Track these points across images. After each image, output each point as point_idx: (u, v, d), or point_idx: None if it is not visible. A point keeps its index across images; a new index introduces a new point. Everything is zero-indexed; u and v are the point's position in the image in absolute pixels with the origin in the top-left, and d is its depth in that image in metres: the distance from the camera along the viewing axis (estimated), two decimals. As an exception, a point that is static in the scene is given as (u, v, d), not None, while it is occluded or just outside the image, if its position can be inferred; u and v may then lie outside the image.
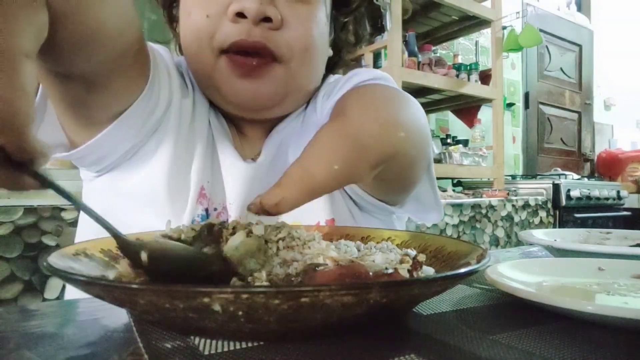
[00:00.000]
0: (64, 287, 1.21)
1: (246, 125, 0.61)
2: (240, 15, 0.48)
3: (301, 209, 0.30)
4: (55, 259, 0.28)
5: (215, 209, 0.55)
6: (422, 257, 0.31)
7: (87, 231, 0.54)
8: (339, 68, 0.67)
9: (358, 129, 0.32)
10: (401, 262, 0.31)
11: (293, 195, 0.27)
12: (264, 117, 0.57)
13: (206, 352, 0.23)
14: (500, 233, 2.11)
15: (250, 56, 0.49)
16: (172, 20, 0.59)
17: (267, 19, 0.48)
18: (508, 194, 2.26)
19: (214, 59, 0.50)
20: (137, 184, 0.52)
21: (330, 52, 0.61)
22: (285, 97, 0.54)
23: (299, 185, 0.28)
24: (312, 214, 0.54)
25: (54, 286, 1.20)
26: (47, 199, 1.21)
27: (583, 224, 2.42)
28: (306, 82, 0.56)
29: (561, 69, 3.71)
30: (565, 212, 2.43)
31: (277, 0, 0.50)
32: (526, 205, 2.26)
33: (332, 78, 0.67)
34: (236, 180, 0.56)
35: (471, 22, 2.31)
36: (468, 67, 2.24)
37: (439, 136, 2.54)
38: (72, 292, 0.54)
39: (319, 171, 0.28)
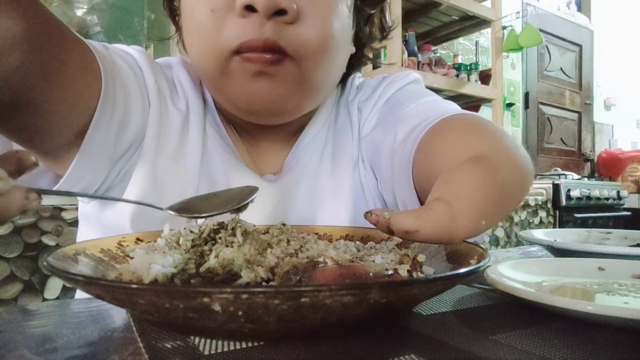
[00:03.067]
0: (64, 287, 1.21)
1: (260, 135, 0.55)
2: (250, 8, 0.42)
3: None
4: (55, 259, 0.28)
5: None
6: (422, 258, 0.31)
7: (88, 232, 0.52)
8: (360, 66, 0.61)
9: (507, 183, 0.30)
10: (401, 262, 0.31)
11: (428, 233, 0.26)
12: (277, 122, 0.52)
13: (206, 352, 0.23)
14: (500, 233, 2.10)
15: (262, 52, 0.43)
16: (174, 13, 0.53)
17: (280, 12, 0.42)
18: (508, 194, 2.25)
19: (224, 61, 0.44)
20: (110, 215, 0.48)
21: (352, 49, 0.54)
22: (301, 99, 0.49)
23: (440, 226, 0.26)
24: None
25: (53, 286, 1.20)
26: (46, 198, 1.21)
27: (583, 224, 2.42)
28: (322, 82, 0.50)
29: (561, 69, 3.71)
30: (565, 212, 2.43)
31: None
32: (526, 205, 2.26)
33: (358, 80, 0.63)
34: (255, 202, 0.51)
35: (471, 22, 2.31)
36: (468, 67, 2.24)
37: (439, 136, 2.54)
38: (81, 292, 0.50)
39: (465, 222, 0.26)
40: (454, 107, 0.50)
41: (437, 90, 2.15)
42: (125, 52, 0.49)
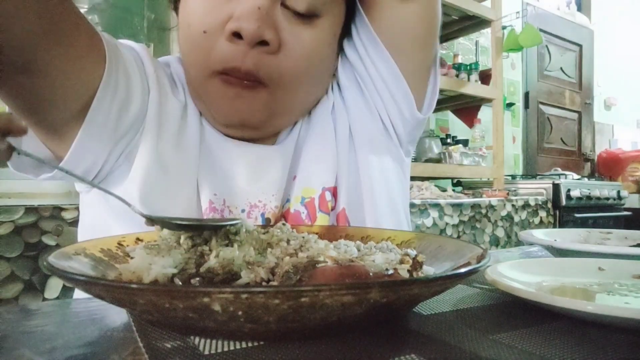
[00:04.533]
0: (64, 287, 1.21)
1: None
2: (238, 35, 0.45)
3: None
4: (55, 259, 0.28)
5: (243, 210, 0.51)
6: (422, 257, 0.31)
7: (93, 219, 0.53)
8: None
9: None
10: (401, 262, 0.31)
11: None
12: (253, 136, 0.55)
13: (206, 352, 0.23)
14: (500, 233, 2.10)
15: (242, 79, 0.47)
16: (177, 7, 0.55)
17: (263, 42, 0.45)
18: (508, 194, 2.25)
19: (207, 78, 0.48)
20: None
21: (337, 64, 0.58)
22: (271, 119, 0.52)
23: None
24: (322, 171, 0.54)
25: (54, 286, 1.20)
26: (47, 198, 1.21)
27: (583, 224, 2.42)
28: (296, 107, 0.54)
29: (561, 69, 3.71)
30: (565, 212, 2.43)
31: (279, 21, 0.46)
32: (526, 205, 2.26)
33: None
34: (256, 165, 0.53)
35: (471, 22, 2.31)
36: (468, 67, 2.24)
37: (438, 136, 2.54)
38: (80, 292, 0.51)
39: None
40: None
41: (437, 90, 2.15)
42: (127, 45, 0.52)
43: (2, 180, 1.18)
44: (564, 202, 2.41)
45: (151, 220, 0.33)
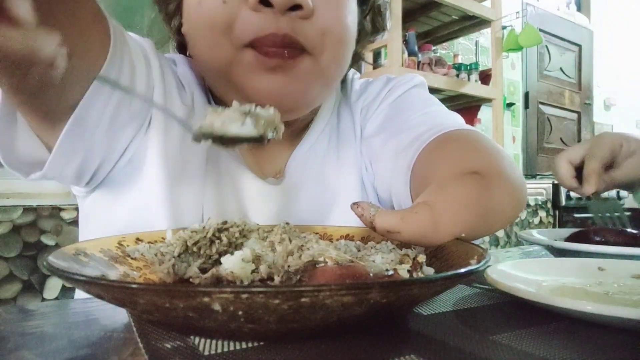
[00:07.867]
0: (63, 287, 1.21)
1: None
2: (265, 2, 0.41)
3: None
4: (55, 259, 0.27)
5: None
6: (422, 258, 0.31)
7: (89, 231, 0.52)
8: (357, 62, 0.62)
9: (496, 202, 0.32)
10: (401, 262, 0.30)
11: (408, 236, 0.27)
12: (288, 118, 0.51)
13: (206, 352, 0.23)
14: (500, 233, 2.10)
15: (280, 47, 0.43)
16: (170, 16, 0.52)
17: (295, 7, 0.42)
18: (508, 193, 2.25)
19: (234, 52, 0.44)
20: (130, 208, 0.47)
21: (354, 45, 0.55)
22: (316, 93, 0.49)
23: (421, 230, 0.27)
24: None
25: (53, 286, 1.20)
26: (46, 198, 1.21)
27: (583, 224, 2.42)
28: (336, 75, 0.51)
29: (561, 69, 3.71)
30: (565, 212, 2.43)
31: None
32: (526, 205, 2.26)
33: (358, 82, 0.64)
34: (260, 205, 0.52)
35: (471, 22, 2.31)
36: (468, 67, 2.24)
37: (438, 136, 2.54)
38: (81, 292, 0.49)
39: (446, 231, 0.28)
40: (456, 119, 0.51)
41: (437, 90, 2.15)
42: (134, 37, 0.48)
43: (1, 180, 1.18)
44: (563, 202, 2.41)
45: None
